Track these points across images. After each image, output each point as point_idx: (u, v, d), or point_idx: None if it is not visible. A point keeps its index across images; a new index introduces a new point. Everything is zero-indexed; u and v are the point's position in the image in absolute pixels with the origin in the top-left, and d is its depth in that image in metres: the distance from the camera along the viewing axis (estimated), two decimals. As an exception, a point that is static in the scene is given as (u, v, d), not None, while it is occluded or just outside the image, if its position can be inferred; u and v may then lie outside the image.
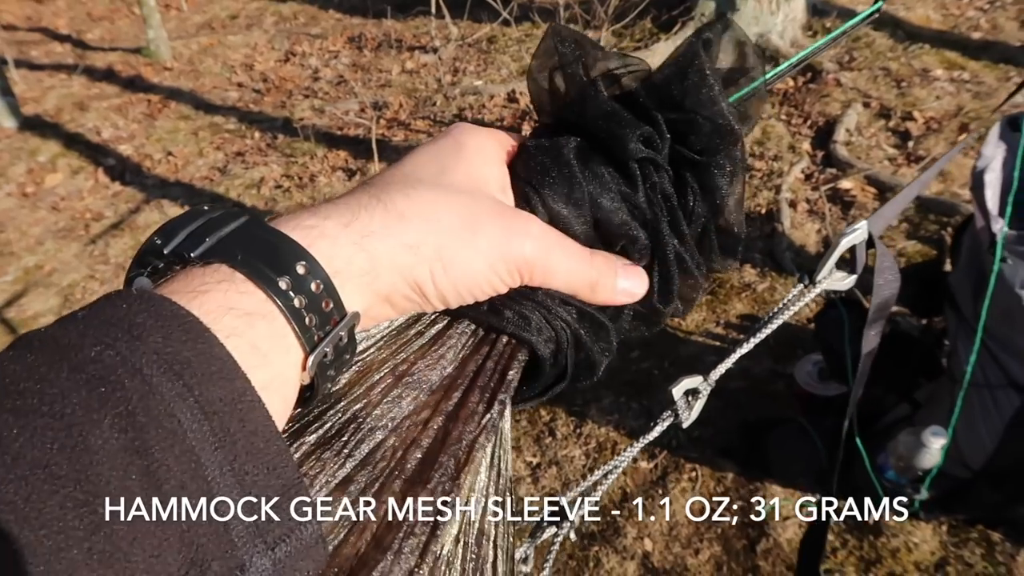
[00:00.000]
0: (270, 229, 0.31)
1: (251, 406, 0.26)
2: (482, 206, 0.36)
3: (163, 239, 0.31)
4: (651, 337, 2.49)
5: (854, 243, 0.50)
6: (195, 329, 0.27)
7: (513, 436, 2.20)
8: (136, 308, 0.27)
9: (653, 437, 0.49)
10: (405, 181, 0.35)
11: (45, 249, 3.54)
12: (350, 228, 0.32)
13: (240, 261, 0.30)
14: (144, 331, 0.26)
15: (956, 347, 1.60)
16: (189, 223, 0.31)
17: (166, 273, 0.30)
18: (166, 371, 0.25)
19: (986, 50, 3.57)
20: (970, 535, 1.74)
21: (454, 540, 0.34)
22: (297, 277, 0.30)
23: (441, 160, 0.37)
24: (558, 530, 0.48)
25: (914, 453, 1.62)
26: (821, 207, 2.84)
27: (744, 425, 2.08)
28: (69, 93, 4.85)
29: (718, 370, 0.49)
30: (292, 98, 4.40)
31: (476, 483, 0.35)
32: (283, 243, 0.31)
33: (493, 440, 0.36)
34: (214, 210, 0.33)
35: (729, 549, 1.85)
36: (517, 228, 0.36)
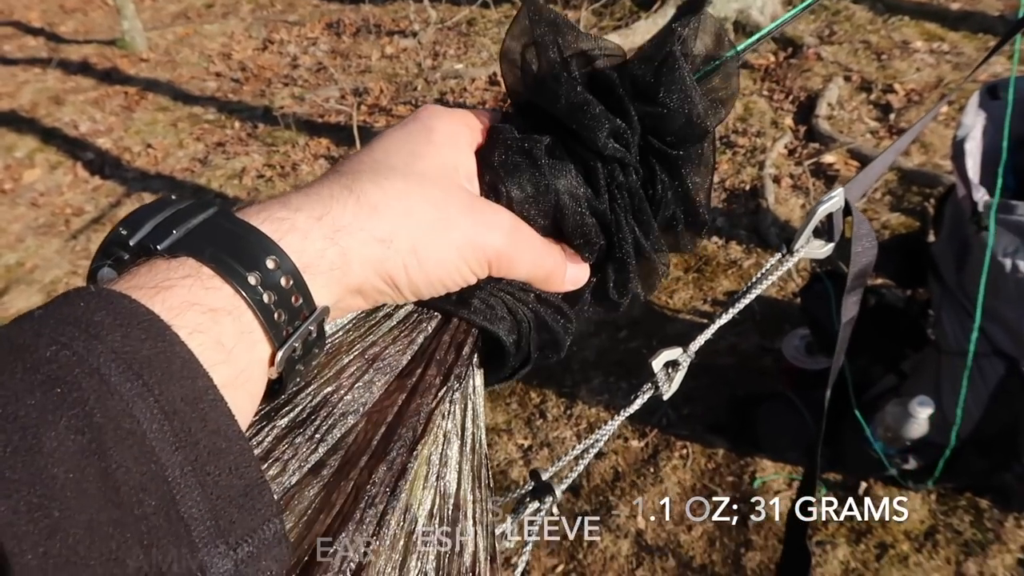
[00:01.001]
0: (239, 222, 0.31)
1: (213, 405, 0.26)
2: (454, 197, 0.35)
3: (129, 230, 0.30)
4: (639, 316, 2.50)
5: (831, 211, 0.50)
6: (155, 327, 0.26)
7: (504, 419, 2.21)
8: (94, 305, 0.26)
9: (634, 410, 0.48)
10: (376, 169, 0.35)
11: (26, 246, 3.50)
12: (322, 222, 0.32)
13: (207, 255, 0.29)
14: (102, 329, 0.25)
15: (940, 317, 1.60)
16: (156, 213, 0.31)
17: (131, 265, 0.30)
18: (125, 370, 0.24)
19: (965, 21, 3.57)
20: (959, 503, 1.76)
21: (428, 515, 0.34)
22: (266, 272, 0.29)
23: (411, 146, 0.36)
24: (540, 505, 0.48)
25: (902, 424, 1.63)
26: (805, 182, 2.84)
27: (733, 401, 2.09)
28: (44, 87, 4.77)
29: (698, 341, 0.49)
30: (271, 87, 4.35)
31: (444, 455, 0.35)
32: (252, 236, 0.30)
33: (461, 414, 0.36)
34: (182, 200, 0.32)
35: (721, 524, 1.86)
36: (488, 221, 0.36)
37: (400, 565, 0.32)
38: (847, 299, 0.56)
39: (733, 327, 2.30)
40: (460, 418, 0.37)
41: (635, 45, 3.68)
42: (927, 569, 1.67)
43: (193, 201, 0.32)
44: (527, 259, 0.37)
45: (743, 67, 3.62)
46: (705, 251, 2.64)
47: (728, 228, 2.73)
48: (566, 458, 0.48)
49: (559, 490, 0.46)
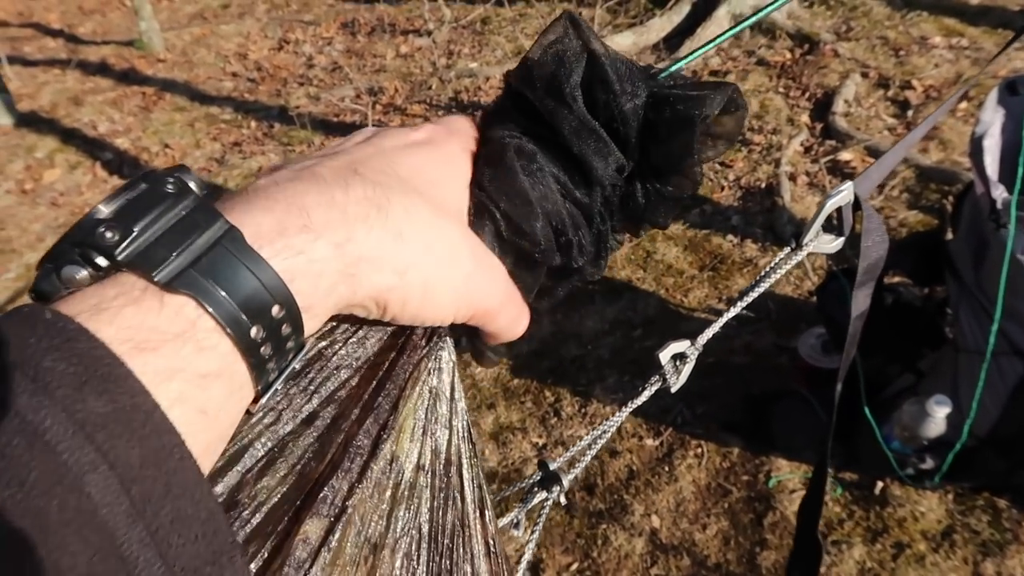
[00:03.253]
0: (250, 254, 0.27)
1: (179, 466, 0.23)
2: (466, 241, 0.34)
3: (117, 233, 0.25)
4: (654, 315, 2.49)
5: (840, 205, 0.49)
6: (115, 374, 0.23)
7: (518, 418, 2.21)
8: (45, 346, 0.22)
9: (641, 401, 0.48)
10: (405, 188, 0.32)
11: (46, 245, 3.53)
12: (343, 250, 0.29)
13: (211, 300, 0.25)
14: (52, 380, 0.22)
15: (958, 315, 1.59)
16: (148, 211, 0.26)
17: (107, 279, 0.25)
18: (75, 433, 0.21)
19: (984, 15, 3.53)
20: (976, 503, 1.74)
21: (415, 467, 0.35)
22: (270, 323, 0.27)
23: (438, 170, 0.34)
24: (548, 495, 0.48)
25: (919, 423, 1.62)
26: (821, 179, 2.82)
27: (748, 400, 2.08)
28: (64, 88, 4.83)
29: (705, 334, 0.48)
30: (287, 86, 4.38)
31: (432, 411, 0.36)
32: (264, 277, 0.27)
33: (450, 375, 0.37)
34: (183, 197, 0.27)
35: (736, 523, 1.85)
36: (492, 278, 0.35)
37: (388, 514, 0.33)
38: (857, 293, 0.55)
39: (748, 325, 2.29)
40: (449, 379, 0.37)
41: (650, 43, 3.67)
42: (944, 569, 1.66)
43: (198, 203, 0.27)
44: (505, 321, 0.37)
45: (759, 64, 3.59)
46: (720, 249, 2.63)
47: (743, 226, 2.71)
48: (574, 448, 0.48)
49: (567, 479, 0.46)
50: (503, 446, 2.15)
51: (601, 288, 2.58)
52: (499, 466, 2.10)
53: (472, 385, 2.33)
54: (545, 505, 0.46)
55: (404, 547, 0.33)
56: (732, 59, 3.65)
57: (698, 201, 2.87)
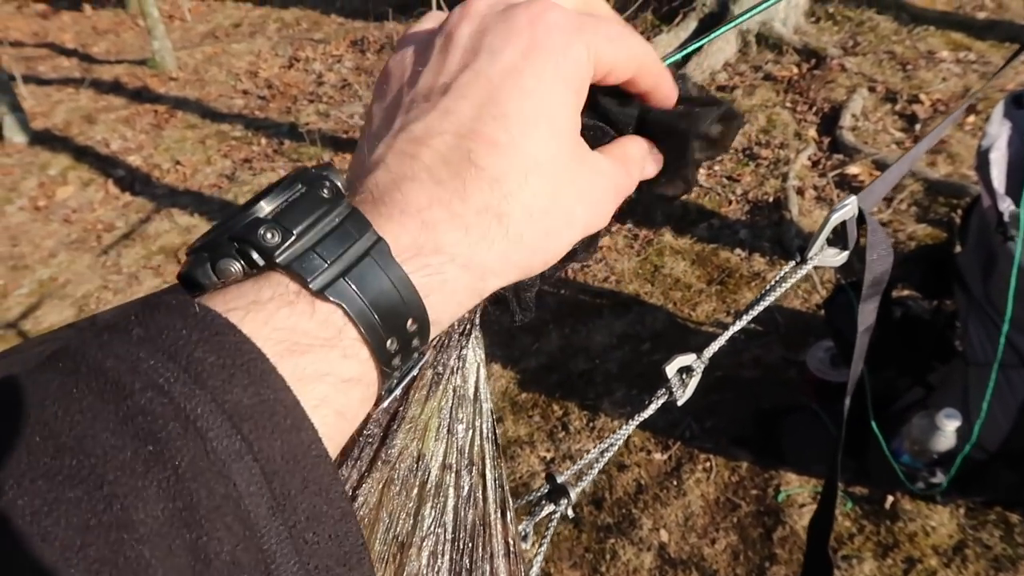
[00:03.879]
0: (395, 268, 0.27)
1: (316, 462, 0.24)
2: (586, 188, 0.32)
3: (278, 234, 0.26)
4: (661, 329, 2.49)
5: (844, 219, 0.50)
6: (259, 368, 0.24)
7: (526, 432, 2.21)
8: (196, 337, 0.23)
9: (648, 415, 0.49)
10: (521, 173, 0.30)
11: (58, 261, 3.57)
12: (470, 271, 0.29)
13: (358, 313, 0.26)
14: (203, 370, 0.23)
15: (967, 328, 1.59)
16: (306, 217, 0.27)
17: (261, 279, 0.26)
18: (223, 423, 0.22)
19: (992, 29, 3.54)
20: (988, 517, 1.73)
21: (441, 466, 0.35)
22: (404, 336, 0.28)
23: (549, 113, 0.30)
24: (556, 508, 0.48)
25: (929, 436, 1.61)
26: (829, 193, 2.83)
27: (757, 413, 2.08)
28: (77, 107, 4.89)
29: (711, 347, 0.49)
30: (297, 103, 4.42)
31: (456, 410, 0.36)
32: (406, 293, 0.27)
33: (475, 375, 0.37)
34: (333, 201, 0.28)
35: (745, 538, 1.84)
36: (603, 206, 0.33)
37: (415, 512, 0.34)
38: (863, 307, 0.56)
39: (757, 339, 2.29)
40: (474, 379, 0.38)
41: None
42: (957, 585, 1.65)
43: (344, 204, 0.28)
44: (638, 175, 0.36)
45: (766, 79, 3.61)
46: (728, 263, 2.63)
47: (751, 240, 2.72)
48: (581, 462, 0.49)
49: (574, 492, 0.47)
50: (511, 460, 2.15)
51: (609, 302, 2.59)
52: (507, 480, 2.10)
53: (481, 399, 2.33)
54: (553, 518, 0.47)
55: (430, 545, 0.34)
56: (739, 74, 3.67)
57: (706, 215, 2.88)
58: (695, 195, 2.98)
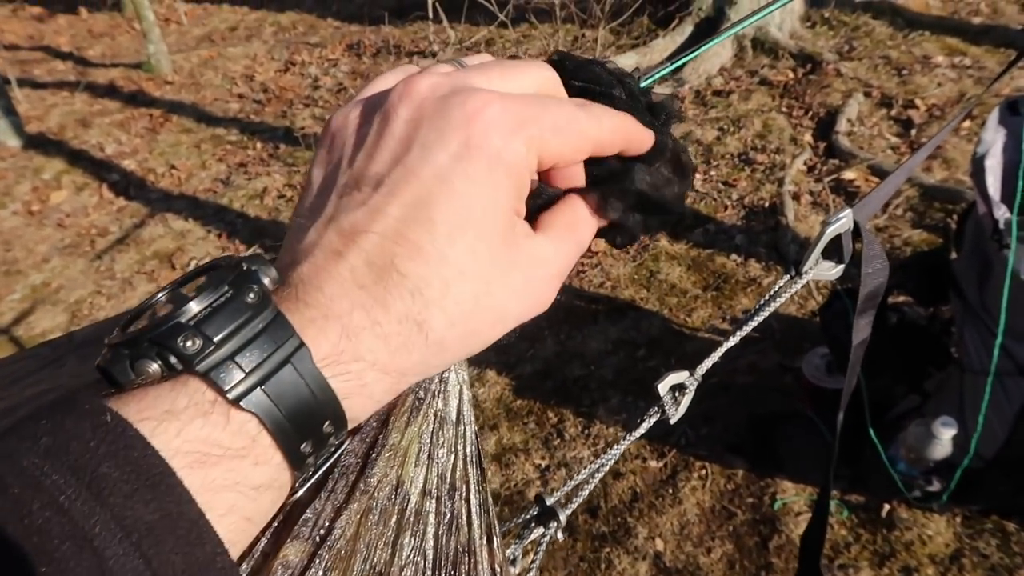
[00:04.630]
0: (316, 378, 0.27)
1: (220, 574, 0.24)
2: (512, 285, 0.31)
3: (199, 341, 0.26)
4: (657, 335, 2.48)
5: (839, 232, 0.49)
6: (164, 483, 0.23)
7: (521, 439, 2.20)
8: (103, 451, 0.23)
9: (639, 434, 0.48)
10: (443, 283, 0.29)
11: (52, 266, 3.56)
12: (389, 375, 0.29)
13: (273, 423, 0.26)
14: (106, 487, 0.23)
15: (963, 335, 1.58)
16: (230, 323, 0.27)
17: (175, 383, 0.26)
18: (122, 540, 0.22)
19: (987, 35, 3.54)
20: (984, 526, 1.72)
21: (421, 492, 0.34)
22: (320, 436, 0.28)
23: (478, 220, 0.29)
24: (545, 530, 0.47)
25: (925, 444, 1.61)
26: (825, 199, 2.82)
27: (753, 420, 2.07)
28: (72, 110, 4.87)
29: (704, 364, 0.48)
30: (293, 107, 4.41)
31: (437, 435, 0.35)
32: (324, 401, 0.28)
33: (457, 398, 0.36)
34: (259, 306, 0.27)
35: (741, 547, 1.83)
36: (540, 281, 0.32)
37: (393, 541, 0.33)
38: (858, 321, 0.55)
39: (752, 345, 2.28)
40: (456, 402, 0.37)
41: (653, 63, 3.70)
42: (953, 594, 1.64)
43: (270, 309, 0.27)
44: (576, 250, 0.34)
45: (761, 84, 3.60)
46: (724, 269, 2.62)
47: (747, 245, 2.71)
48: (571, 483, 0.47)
49: (564, 515, 0.46)
50: (506, 468, 2.14)
51: (604, 308, 2.58)
52: (502, 488, 2.09)
53: (475, 406, 2.32)
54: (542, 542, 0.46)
55: (409, 575, 0.33)
56: (735, 79, 3.67)
57: (701, 220, 2.87)
58: (691, 200, 2.97)
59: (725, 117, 3.41)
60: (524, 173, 0.30)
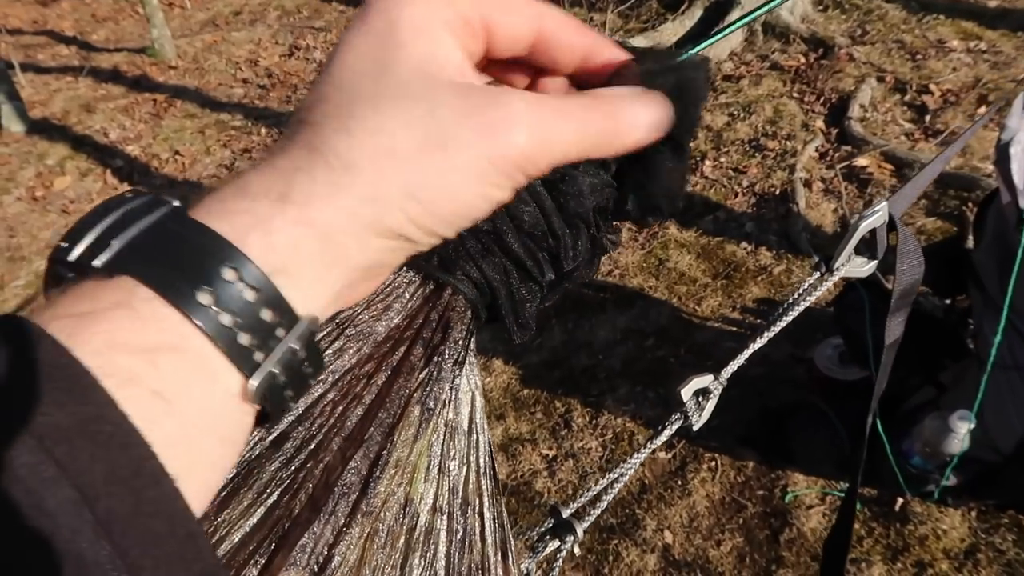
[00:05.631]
0: (189, 223, 0.25)
1: (151, 481, 0.21)
2: (445, 107, 0.27)
3: (69, 242, 0.25)
4: (667, 324, 2.45)
5: (874, 227, 0.46)
6: (80, 384, 0.21)
7: (528, 429, 2.17)
8: (5, 356, 0.21)
9: (661, 442, 0.45)
10: (339, 109, 0.27)
11: (56, 253, 3.53)
12: (287, 203, 0.26)
13: (146, 273, 0.24)
14: (9, 389, 0.21)
15: (981, 327, 1.54)
16: (102, 218, 0.25)
17: (66, 289, 0.25)
18: (33, 448, 0.20)
19: (1003, 18, 3.47)
20: (1001, 520, 1.69)
21: (432, 509, 0.32)
22: (223, 288, 0.24)
23: (375, 54, 0.28)
24: (561, 544, 0.44)
25: (940, 438, 1.57)
26: (837, 186, 2.78)
27: (764, 412, 2.04)
28: (75, 95, 4.84)
29: (730, 367, 0.45)
30: (297, 93, 4.37)
31: (448, 446, 0.32)
32: (204, 240, 0.25)
33: (469, 405, 0.33)
34: (137, 197, 0.26)
35: (752, 540, 1.81)
36: (499, 118, 0.28)
37: (402, 563, 0.30)
38: (891, 320, 0.52)
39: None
40: (468, 410, 0.34)
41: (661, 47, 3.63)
42: (968, 589, 1.61)
43: (148, 197, 0.26)
44: (568, 137, 0.29)
45: (772, 69, 3.55)
46: (734, 257, 2.58)
47: (757, 233, 2.67)
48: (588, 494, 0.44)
49: (581, 528, 0.43)
50: (512, 458, 2.11)
51: (613, 297, 2.55)
52: (508, 479, 2.07)
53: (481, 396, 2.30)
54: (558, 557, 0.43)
55: None
56: (746, 64, 3.61)
57: (711, 208, 2.83)
58: (701, 187, 2.93)
59: (735, 103, 3.35)
60: (430, 29, 0.29)
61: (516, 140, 0.28)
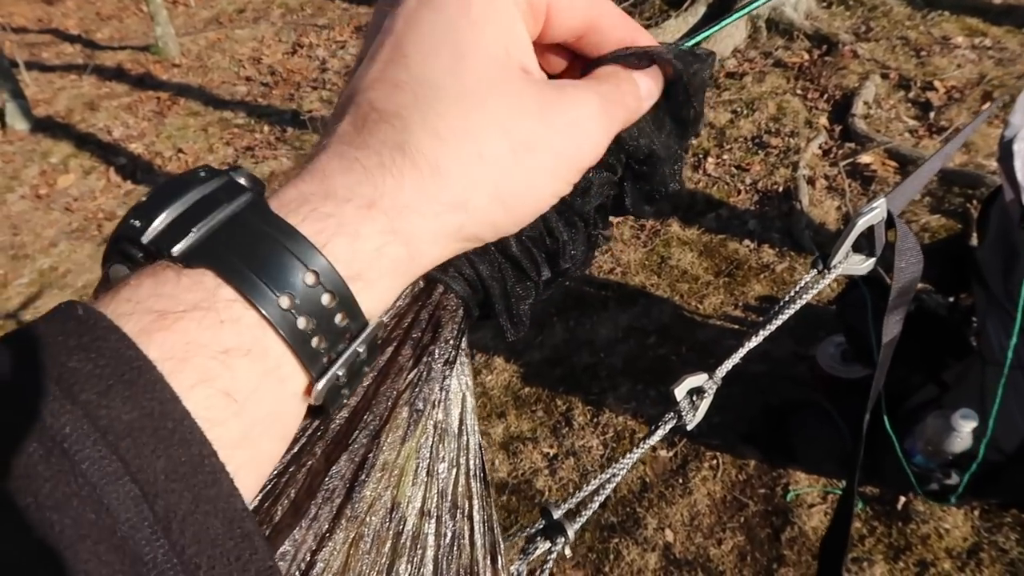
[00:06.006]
0: (275, 220, 0.25)
1: (211, 479, 0.21)
2: (525, 107, 0.28)
3: (142, 220, 0.24)
4: (668, 322, 2.44)
5: (872, 223, 0.45)
6: (144, 378, 0.21)
7: (529, 427, 2.17)
8: (73, 343, 0.21)
9: (654, 442, 0.44)
10: (419, 103, 0.27)
11: (59, 251, 3.54)
12: (375, 209, 0.26)
13: (230, 269, 0.24)
14: (76, 383, 0.20)
15: (985, 325, 1.53)
16: (176, 198, 0.25)
17: (139, 269, 0.25)
18: (97, 442, 0.20)
19: (1008, 15, 3.45)
20: (1004, 520, 1.68)
21: (419, 513, 0.31)
22: (303, 292, 0.24)
23: (448, 36, 0.27)
24: (552, 546, 0.44)
25: (943, 437, 1.57)
26: (840, 183, 2.76)
27: (766, 410, 2.03)
28: (79, 93, 4.85)
29: (725, 366, 0.44)
30: (300, 90, 4.37)
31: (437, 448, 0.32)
32: (291, 243, 0.24)
33: (455, 406, 0.33)
34: (209, 178, 0.26)
35: (753, 538, 1.80)
36: (578, 118, 0.29)
37: (388, 568, 0.30)
38: (889, 318, 0.51)
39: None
40: (459, 411, 0.34)
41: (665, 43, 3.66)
42: (971, 588, 1.60)
43: (225, 180, 0.26)
44: (618, 127, 0.31)
45: (776, 65, 3.54)
46: (737, 255, 2.57)
47: (760, 231, 2.66)
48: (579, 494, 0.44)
49: (572, 529, 0.42)
50: (513, 456, 2.11)
51: (614, 294, 2.54)
52: (509, 477, 2.06)
53: (483, 393, 2.29)
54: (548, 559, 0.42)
55: None
56: (749, 60, 3.60)
57: (714, 205, 2.82)
58: (703, 184, 2.92)
59: (739, 100, 3.34)
60: (503, 10, 0.28)
61: (593, 138, 0.29)
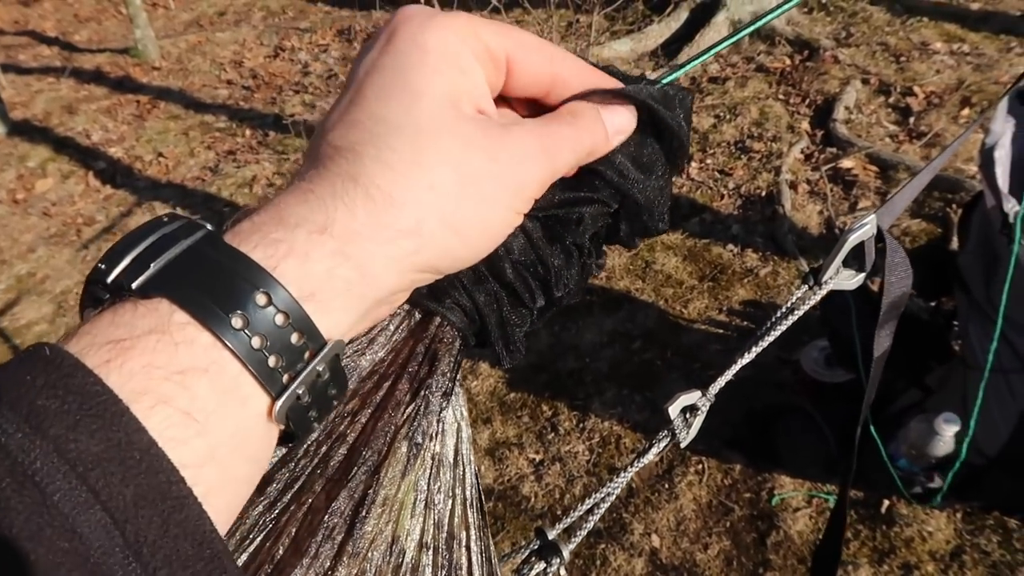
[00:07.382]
0: (225, 249, 0.26)
1: (179, 504, 0.22)
2: (473, 143, 0.29)
3: (107, 264, 0.26)
4: (653, 327, 2.44)
5: (862, 239, 0.45)
6: (110, 410, 0.22)
7: (514, 433, 2.16)
8: (41, 383, 0.22)
9: (648, 460, 0.44)
10: (376, 135, 0.28)
11: (37, 256, 3.49)
12: (327, 235, 0.27)
13: (182, 296, 0.25)
14: (45, 419, 0.21)
15: (967, 330, 1.55)
16: (140, 240, 0.26)
17: (103, 309, 0.26)
18: (67, 474, 0.21)
19: (986, 21, 3.50)
20: (986, 522, 1.69)
21: (418, 545, 0.31)
22: (256, 313, 0.25)
23: (404, 80, 0.29)
24: (547, 566, 0.43)
25: (927, 441, 1.58)
26: (822, 187, 2.78)
27: (751, 414, 2.04)
28: (57, 96, 4.79)
29: (717, 383, 0.44)
30: (282, 94, 4.34)
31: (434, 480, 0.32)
32: (239, 267, 0.25)
33: (451, 437, 0.32)
34: (175, 220, 0.27)
35: (739, 543, 1.81)
36: (518, 155, 0.30)
37: None
38: (880, 332, 0.51)
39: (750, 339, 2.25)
40: (454, 441, 0.33)
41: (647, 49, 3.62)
42: (954, 591, 1.62)
43: (185, 222, 0.27)
44: (568, 159, 0.32)
45: (758, 70, 3.55)
46: (720, 259, 2.59)
47: (744, 235, 2.67)
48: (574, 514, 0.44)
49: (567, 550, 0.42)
50: (499, 462, 2.11)
51: (599, 299, 2.54)
52: (495, 483, 2.06)
53: (468, 399, 2.28)
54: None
55: None
56: (731, 65, 3.62)
57: (697, 210, 2.83)
58: (686, 189, 2.93)
59: (721, 104, 3.36)
60: (459, 58, 0.30)
61: (533, 175, 0.31)
